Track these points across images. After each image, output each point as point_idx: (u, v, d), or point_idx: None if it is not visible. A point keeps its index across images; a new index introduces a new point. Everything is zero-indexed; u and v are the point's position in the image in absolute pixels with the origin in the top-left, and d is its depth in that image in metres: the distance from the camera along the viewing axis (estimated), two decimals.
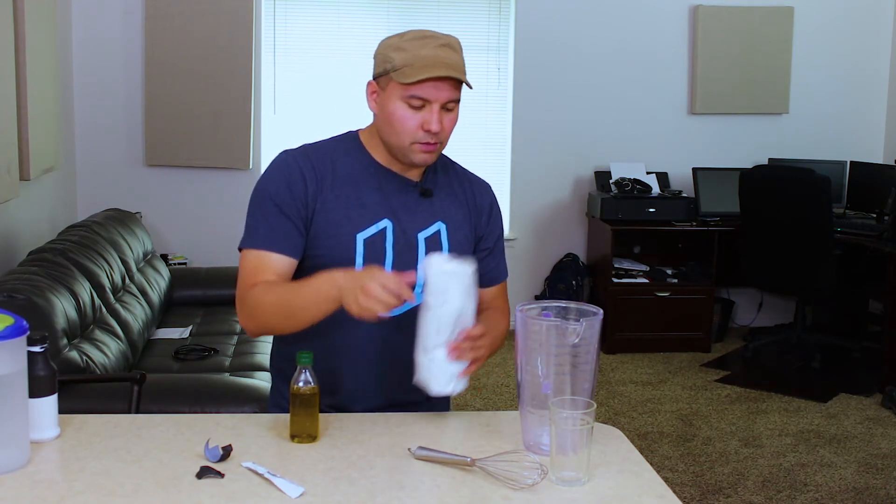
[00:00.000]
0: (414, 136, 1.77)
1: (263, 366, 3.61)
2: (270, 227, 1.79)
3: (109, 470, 1.51)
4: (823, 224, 4.89)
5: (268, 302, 1.73)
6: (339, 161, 1.84)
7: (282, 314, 1.72)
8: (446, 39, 1.78)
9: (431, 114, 1.75)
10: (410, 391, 1.74)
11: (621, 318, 5.34)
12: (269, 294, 1.73)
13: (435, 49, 1.74)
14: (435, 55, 1.74)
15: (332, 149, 1.86)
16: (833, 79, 6.01)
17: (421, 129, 1.76)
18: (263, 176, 1.84)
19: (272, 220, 1.79)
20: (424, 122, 1.75)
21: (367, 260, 1.80)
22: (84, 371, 2.95)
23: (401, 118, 1.76)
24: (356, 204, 1.81)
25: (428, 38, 1.76)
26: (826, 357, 5.24)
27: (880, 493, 3.61)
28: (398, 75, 1.74)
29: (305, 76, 5.48)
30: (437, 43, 1.76)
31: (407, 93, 1.74)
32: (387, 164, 1.85)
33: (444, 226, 1.88)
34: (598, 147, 5.84)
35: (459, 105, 1.81)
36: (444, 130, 1.78)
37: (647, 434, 4.16)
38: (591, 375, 1.60)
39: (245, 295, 1.76)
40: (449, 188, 1.92)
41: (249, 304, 1.75)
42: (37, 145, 4.06)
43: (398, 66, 1.74)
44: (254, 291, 1.75)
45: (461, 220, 1.91)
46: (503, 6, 5.70)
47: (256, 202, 1.82)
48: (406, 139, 1.77)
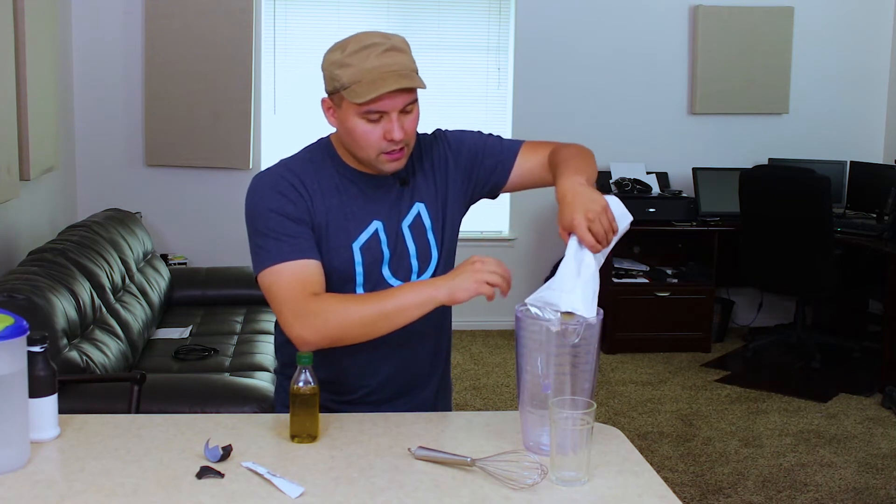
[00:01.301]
0: (378, 147, 1.73)
1: (263, 366, 3.62)
2: (290, 237, 1.74)
3: (109, 470, 1.51)
4: (823, 224, 4.89)
5: (348, 310, 1.68)
6: (318, 172, 1.81)
7: (367, 322, 1.68)
8: (389, 43, 1.71)
9: (391, 123, 1.71)
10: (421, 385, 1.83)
11: (621, 318, 5.34)
12: (348, 302, 1.70)
13: (380, 58, 1.68)
14: (382, 65, 1.68)
15: (309, 160, 1.83)
16: (833, 79, 6.01)
17: (384, 140, 1.72)
18: (253, 200, 1.78)
19: (288, 230, 1.74)
20: (386, 133, 1.72)
21: (366, 266, 1.80)
22: (84, 371, 2.95)
23: (362, 133, 1.73)
24: (344, 213, 1.80)
25: (371, 48, 1.69)
26: (826, 357, 5.24)
27: (880, 493, 3.61)
28: (349, 94, 1.69)
29: (305, 76, 5.49)
30: (380, 50, 1.69)
31: (362, 110, 1.70)
32: (361, 167, 1.82)
33: (423, 205, 1.86)
34: (598, 147, 5.73)
35: (417, 103, 1.76)
36: (407, 133, 1.74)
37: (647, 434, 4.16)
38: (591, 375, 1.60)
39: (305, 307, 1.69)
40: (420, 165, 1.89)
41: (316, 314, 1.68)
42: (37, 145, 4.06)
43: (347, 84, 1.69)
44: (321, 302, 1.69)
45: (434, 189, 1.88)
46: (503, 6, 5.70)
47: (260, 222, 1.75)
48: (372, 152, 1.75)
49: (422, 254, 1.85)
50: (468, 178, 1.92)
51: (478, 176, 1.92)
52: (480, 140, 1.94)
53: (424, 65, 1.86)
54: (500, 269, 1.64)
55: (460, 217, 1.95)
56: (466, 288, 1.63)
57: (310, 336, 1.69)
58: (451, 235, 1.91)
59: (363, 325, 1.68)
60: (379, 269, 1.82)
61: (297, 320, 1.69)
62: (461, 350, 5.33)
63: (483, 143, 1.94)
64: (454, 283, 1.64)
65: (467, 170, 1.91)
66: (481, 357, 5.29)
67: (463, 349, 5.36)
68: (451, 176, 1.90)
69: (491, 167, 1.92)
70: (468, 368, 5.06)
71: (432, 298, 1.65)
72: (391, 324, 1.68)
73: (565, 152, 1.85)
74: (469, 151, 1.92)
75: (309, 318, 1.68)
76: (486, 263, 1.64)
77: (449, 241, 1.90)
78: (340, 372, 1.87)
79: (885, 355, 4.76)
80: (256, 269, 1.76)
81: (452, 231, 1.92)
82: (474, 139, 1.94)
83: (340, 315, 1.68)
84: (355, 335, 1.71)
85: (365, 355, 1.85)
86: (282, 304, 1.71)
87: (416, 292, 1.67)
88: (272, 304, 1.75)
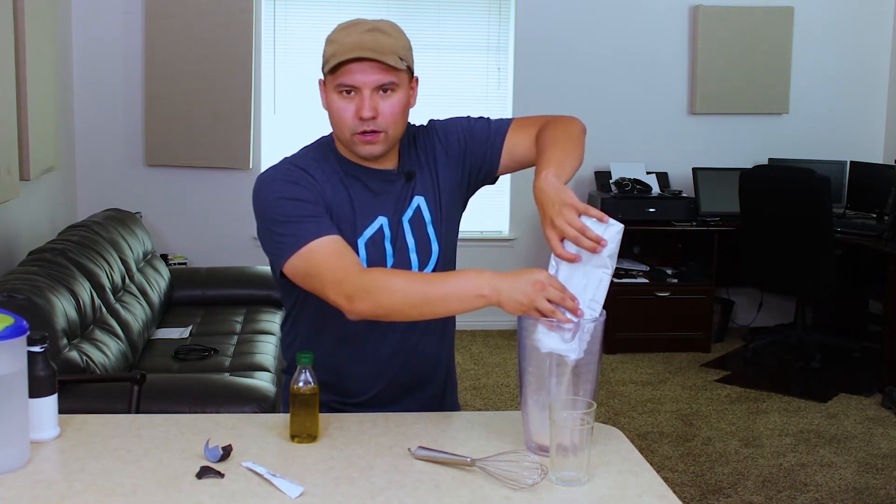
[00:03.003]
0: (352, 126, 1.72)
1: (263, 366, 3.62)
2: (312, 217, 1.70)
3: (109, 470, 1.51)
4: (823, 224, 4.88)
5: (397, 287, 1.62)
6: (323, 169, 1.80)
7: (413, 302, 1.62)
8: (375, 24, 1.73)
9: (363, 100, 1.70)
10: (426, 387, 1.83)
11: (621, 318, 5.34)
12: (397, 278, 1.66)
13: (360, 35, 1.70)
14: (359, 40, 1.69)
15: (313, 158, 1.81)
16: (833, 79, 6.01)
17: (356, 118, 1.71)
18: (263, 194, 1.75)
19: (308, 211, 1.70)
20: (358, 109, 1.71)
21: (369, 262, 1.78)
22: (84, 371, 2.95)
23: (337, 110, 1.73)
24: (352, 208, 1.79)
25: (356, 25, 1.72)
26: (826, 357, 5.24)
27: (880, 493, 3.61)
28: (325, 66, 1.73)
29: (305, 76, 5.48)
30: (363, 28, 1.71)
31: (335, 82, 1.71)
32: (363, 161, 1.81)
33: (423, 198, 1.85)
34: (598, 147, 5.81)
35: (403, 90, 1.74)
36: (382, 116, 1.71)
37: (647, 434, 4.16)
38: (592, 376, 1.60)
39: (356, 278, 1.63)
40: (416, 159, 1.87)
41: (368, 285, 1.62)
42: (37, 145, 4.06)
43: (327, 59, 1.72)
44: (371, 273, 1.66)
45: (431, 181, 1.86)
46: (503, 6, 5.70)
47: (277, 212, 1.71)
48: (346, 132, 1.73)
49: (421, 248, 1.83)
50: (461, 169, 1.89)
51: (470, 164, 1.90)
52: (468, 126, 1.91)
53: (425, 65, 1.86)
54: (558, 297, 1.54)
55: (460, 209, 1.93)
56: (518, 303, 1.54)
57: (361, 308, 1.63)
58: (450, 228, 1.89)
59: (409, 307, 1.63)
60: (383, 264, 1.80)
61: (344, 296, 1.63)
62: (461, 350, 5.33)
63: (471, 130, 1.91)
64: (508, 293, 1.55)
65: (459, 160, 1.89)
66: (481, 357, 5.29)
67: (463, 349, 5.36)
68: (445, 167, 1.88)
69: (481, 153, 1.89)
70: (468, 368, 5.06)
71: (480, 297, 1.58)
72: (434, 311, 1.64)
73: (549, 133, 1.81)
74: (458, 141, 1.89)
75: (359, 291, 1.62)
76: (548, 290, 1.53)
77: (448, 234, 1.88)
78: (347, 379, 1.87)
79: (885, 355, 4.76)
80: (284, 256, 1.69)
81: (452, 224, 1.90)
82: (462, 127, 1.91)
83: (387, 291, 1.62)
84: (407, 314, 1.66)
85: (371, 364, 1.85)
86: (324, 280, 1.65)
87: (466, 285, 1.59)
88: (313, 284, 1.68)
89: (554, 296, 1.53)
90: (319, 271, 1.66)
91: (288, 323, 1.93)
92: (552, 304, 1.53)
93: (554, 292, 1.54)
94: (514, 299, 1.54)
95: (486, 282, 1.57)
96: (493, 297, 1.56)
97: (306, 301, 1.80)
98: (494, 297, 1.56)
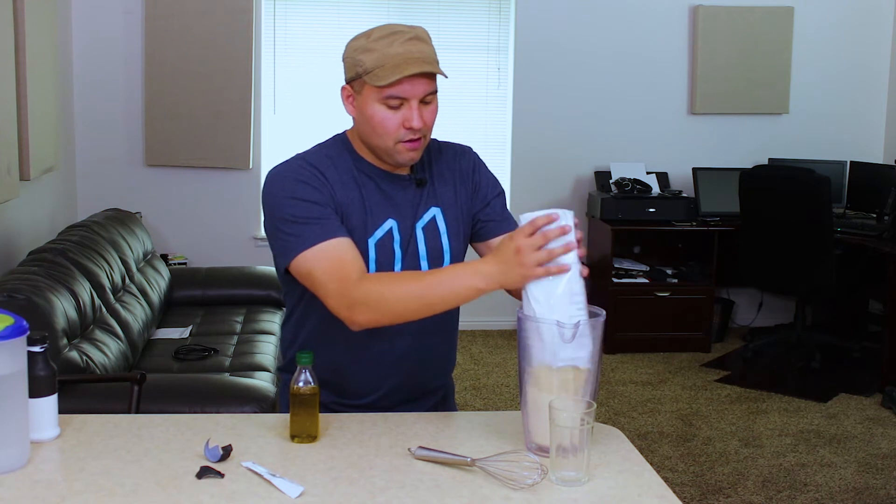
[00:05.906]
0: (397, 135, 1.73)
1: (263, 366, 3.62)
2: (318, 219, 1.71)
3: (109, 470, 1.51)
4: (823, 224, 4.88)
5: (394, 297, 1.66)
6: (336, 166, 1.80)
7: (413, 308, 1.67)
8: (413, 32, 1.74)
9: (411, 111, 1.72)
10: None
11: (621, 318, 5.34)
12: (394, 286, 1.68)
13: (404, 45, 1.71)
14: (406, 52, 1.70)
15: (326, 155, 1.81)
16: (833, 79, 6.01)
17: (403, 128, 1.73)
18: (273, 191, 1.75)
19: (315, 213, 1.71)
20: (406, 120, 1.72)
21: (378, 263, 1.79)
22: (84, 371, 2.95)
23: (381, 120, 1.73)
24: (363, 207, 1.79)
25: (396, 35, 1.72)
26: (826, 357, 5.24)
27: (880, 493, 3.61)
28: (371, 78, 1.71)
29: (305, 76, 5.48)
30: (404, 38, 1.72)
31: (383, 94, 1.71)
32: (379, 163, 1.82)
33: (439, 210, 1.86)
34: (598, 147, 5.84)
35: (437, 95, 1.77)
36: (425, 124, 1.74)
37: (647, 434, 4.16)
38: (593, 377, 1.60)
39: (354, 289, 1.66)
40: (439, 170, 1.89)
41: (366, 297, 1.66)
42: (37, 145, 4.06)
43: (370, 69, 1.71)
44: (368, 284, 1.67)
45: (453, 196, 1.88)
46: (503, 6, 5.70)
47: (285, 211, 1.72)
48: (389, 140, 1.74)
49: (433, 257, 1.84)
50: (473, 212, 1.92)
51: (475, 217, 1.93)
52: (495, 191, 1.94)
53: None
54: (545, 253, 1.57)
55: (468, 237, 1.93)
56: (518, 275, 1.58)
57: (361, 321, 1.68)
58: (460, 246, 1.90)
59: (410, 312, 1.68)
60: (391, 267, 1.81)
61: (345, 307, 1.67)
62: (461, 350, 5.33)
63: (495, 196, 1.94)
64: (503, 275, 1.59)
65: (476, 204, 1.92)
66: (481, 357, 5.29)
67: (463, 349, 5.36)
68: (467, 198, 1.91)
69: (484, 219, 1.92)
70: (468, 368, 5.06)
71: (478, 290, 1.62)
72: (433, 311, 1.68)
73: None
74: (483, 193, 1.92)
75: (359, 303, 1.66)
76: (525, 253, 1.57)
77: (458, 249, 1.89)
78: (348, 380, 1.87)
79: (885, 355, 4.76)
80: (288, 257, 1.72)
81: (462, 243, 1.91)
82: (492, 187, 1.94)
83: (387, 301, 1.66)
84: (404, 320, 1.70)
85: (373, 367, 1.85)
86: (326, 290, 1.69)
87: (461, 283, 1.63)
88: (314, 289, 1.72)
89: (541, 254, 1.56)
90: (320, 279, 1.69)
91: (290, 321, 1.92)
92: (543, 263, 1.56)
93: (538, 252, 1.56)
94: (511, 277, 1.59)
95: (478, 273, 1.62)
96: (491, 284, 1.61)
97: (314, 299, 1.79)
98: (492, 284, 1.61)
